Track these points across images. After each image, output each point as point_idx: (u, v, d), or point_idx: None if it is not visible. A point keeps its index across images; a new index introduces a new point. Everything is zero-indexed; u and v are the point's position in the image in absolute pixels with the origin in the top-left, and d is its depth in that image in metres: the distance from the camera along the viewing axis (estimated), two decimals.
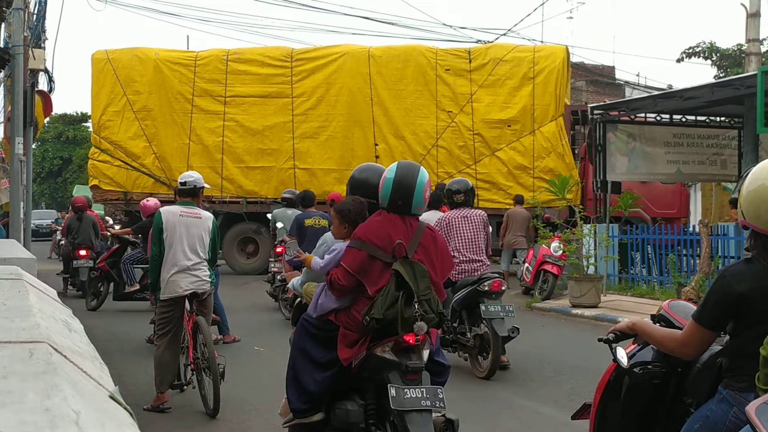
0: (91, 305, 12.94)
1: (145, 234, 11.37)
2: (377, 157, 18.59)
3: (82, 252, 14.27)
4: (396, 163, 4.52)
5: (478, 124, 19.10)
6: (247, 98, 19.20)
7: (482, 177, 18.80)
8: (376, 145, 19.06)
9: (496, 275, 8.09)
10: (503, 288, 8.03)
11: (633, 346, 3.65)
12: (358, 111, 19.10)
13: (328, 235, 4.89)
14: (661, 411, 3.54)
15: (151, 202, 11.92)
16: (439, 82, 19.25)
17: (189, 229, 6.76)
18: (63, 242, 15.83)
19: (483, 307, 7.71)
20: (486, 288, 7.83)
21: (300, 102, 19.16)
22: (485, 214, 8.56)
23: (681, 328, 3.28)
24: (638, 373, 3.55)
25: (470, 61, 19.41)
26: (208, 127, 19.12)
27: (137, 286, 11.47)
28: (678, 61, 31.10)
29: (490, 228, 8.61)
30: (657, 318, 3.65)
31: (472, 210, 8.37)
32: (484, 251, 8.24)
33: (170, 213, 6.82)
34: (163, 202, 17.95)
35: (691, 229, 15.19)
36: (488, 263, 8.38)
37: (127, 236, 12.62)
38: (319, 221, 11.32)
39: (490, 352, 7.73)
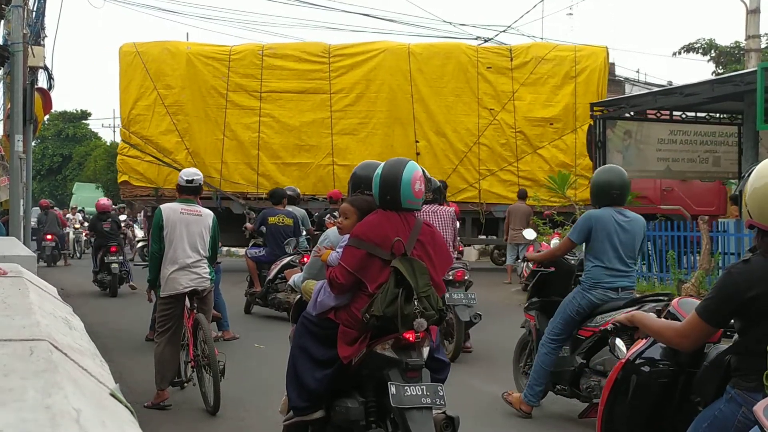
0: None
1: (94, 230, 15.69)
2: (418, 154, 18.68)
3: (49, 237, 21.47)
4: (386, 161, 4.53)
5: (520, 122, 19.16)
6: (283, 94, 18.93)
7: (524, 174, 18.91)
8: (417, 142, 19.01)
9: (459, 266, 8.69)
10: (466, 277, 8.69)
11: (641, 343, 3.63)
12: (398, 108, 19.01)
13: (330, 231, 4.87)
14: (669, 409, 3.52)
15: (104, 201, 16.18)
16: (481, 79, 19.26)
17: (189, 227, 6.77)
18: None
19: (447, 295, 8.02)
20: (450, 277, 8.32)
21: (339, 98, 18.98)
22: (453, 211, 9.01)
23: None
24: (646, 372, 3.53)
25: (511, 60, 19.49)
26: (243, 123, 18.84)
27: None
28: (674, 54, 31.15)
29: (458, 224, 9.10)
30: (665, 315, 3.63)
31: (441, 207, 8.77)
32: (451, 245, 8.56)
33: (171, 210, 6.82)
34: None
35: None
36: (454, 256, 8.92)
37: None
38: (282, 219, 11.44)
39: (454, 336, 8.39)
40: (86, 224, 29.66)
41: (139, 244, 22.72)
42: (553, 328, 6.12)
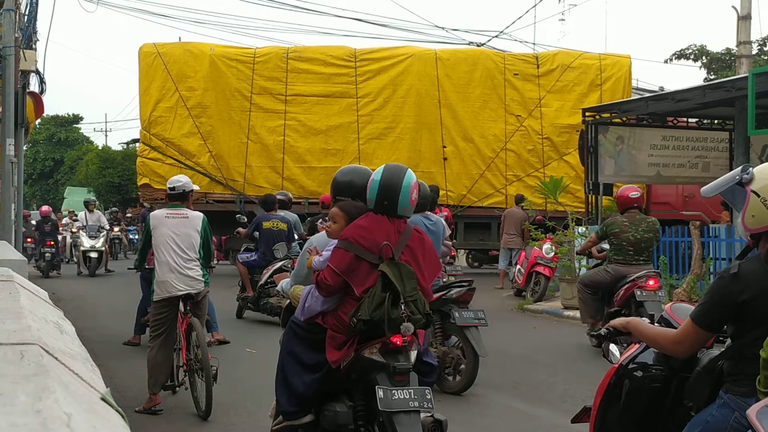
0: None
1: (38, 229, 19.53)
2: (445, 159, 18.76)
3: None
4: (384, 165, 4.52)
5: (547, 129, 19.38)
6: (309, 97, 18.86)
7: None
8: (444, 147, 19.08)
9: None
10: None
11: (634, 348, 3.63)
12: (425, 113, 19.04)
13: (315, 236, 4.88)
14: (662, 414, 3.52)
15: (45, 208, 19.32)
16: (508, 86, 19.44)
17: (175, 229, 6.77)
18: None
19: None
20: None
21: (365, 102, 18.96)
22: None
23: None
24: (639, 377, 3.52)
25: (538, 67, 19.71)
26: (267, 126, 18.70)
27: None
28: (666, 62, 31.33)
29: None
30: (658, 321, 3.63)
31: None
32: None
33: (155, 217, 6.88)
34: (219, 202, 18.26)
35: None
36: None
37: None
38: (277, 224, 11.45)
39: None
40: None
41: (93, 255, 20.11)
42: None
